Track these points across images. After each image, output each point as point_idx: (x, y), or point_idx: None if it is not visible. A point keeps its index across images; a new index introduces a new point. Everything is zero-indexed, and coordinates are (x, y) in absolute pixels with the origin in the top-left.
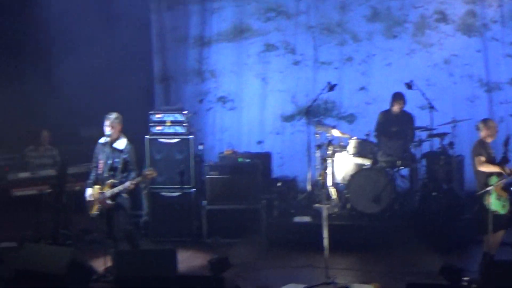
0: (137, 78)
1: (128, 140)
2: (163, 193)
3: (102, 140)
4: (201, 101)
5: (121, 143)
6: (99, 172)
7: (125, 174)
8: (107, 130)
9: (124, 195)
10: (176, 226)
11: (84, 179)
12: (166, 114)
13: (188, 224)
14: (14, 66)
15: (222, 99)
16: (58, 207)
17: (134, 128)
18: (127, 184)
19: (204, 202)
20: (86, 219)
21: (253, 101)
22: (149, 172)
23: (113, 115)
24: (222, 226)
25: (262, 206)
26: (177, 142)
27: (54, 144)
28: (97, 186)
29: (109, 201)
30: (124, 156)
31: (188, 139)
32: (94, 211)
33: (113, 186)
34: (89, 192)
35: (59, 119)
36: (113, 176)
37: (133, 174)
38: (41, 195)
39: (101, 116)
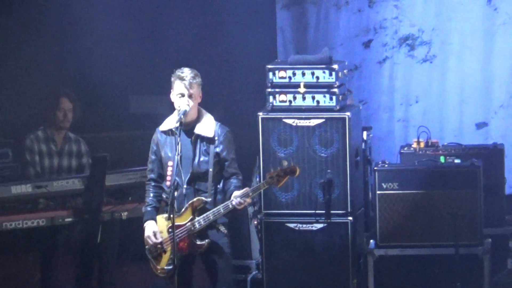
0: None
1: (218, 120)
2: (291, 225)
3: (167, 124)
4: (367, 44)
5: (208, 126)
6: (168, 183)
7: (220, 185)
8: (182, 102)
9: (222, 228)
10: None
11: (138, 198)
12: (298, 71)
13: (341, 284)
14: None
15: (410, 41)
16: (89, 252)
17: (231, 98)
18: (237, 201)
19: (372, 243)
20: (144, 277)
21: (469, 44)
22: (282, 170)
23: (189, 73)
24: None
25: (485, 251)
26: (320, 125)
27: (80, 129)
28: (163, 215)
29: (196, 240)
30: (217, 149)
31: (342, 119)
32: (164, 264)
33: (201, 209)
34: (151, 226)
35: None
36: (197, 191)
37: (236, 181)
38: (54, 230)
39: (160, 77)
